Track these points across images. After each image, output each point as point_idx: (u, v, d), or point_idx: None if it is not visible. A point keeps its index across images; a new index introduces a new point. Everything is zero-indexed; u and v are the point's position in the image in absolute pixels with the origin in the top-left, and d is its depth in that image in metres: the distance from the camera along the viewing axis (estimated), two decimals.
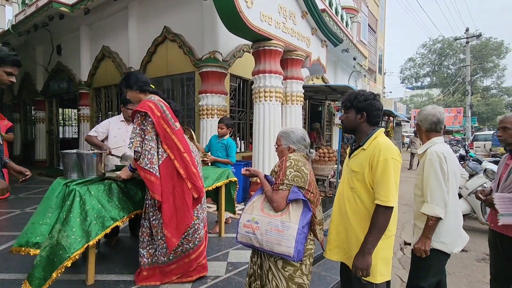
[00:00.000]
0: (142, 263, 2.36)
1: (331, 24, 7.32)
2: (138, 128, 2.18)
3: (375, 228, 1.42)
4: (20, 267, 2.63)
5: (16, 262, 2.72)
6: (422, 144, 1.89)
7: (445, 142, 1.86)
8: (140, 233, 2.40)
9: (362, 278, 1.46)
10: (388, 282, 1.53)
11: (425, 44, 33.23)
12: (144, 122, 2.18)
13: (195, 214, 2.41)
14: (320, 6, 6.47)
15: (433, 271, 1.75)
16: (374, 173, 1.43)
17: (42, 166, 8.98)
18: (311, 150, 1.79)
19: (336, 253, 1.63)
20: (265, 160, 4.47)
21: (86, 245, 2.07)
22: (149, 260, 2.38)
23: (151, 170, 2.15)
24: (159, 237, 2.32)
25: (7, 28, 8.90)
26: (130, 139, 2.17)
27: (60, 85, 8.42)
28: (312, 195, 1.56)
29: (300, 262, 1.51)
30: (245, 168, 1.79)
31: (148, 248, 2.38)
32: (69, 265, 2.00)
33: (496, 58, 28.97)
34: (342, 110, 1.67)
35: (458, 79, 26.59)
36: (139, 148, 2.16)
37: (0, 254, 2.90)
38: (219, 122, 3.74)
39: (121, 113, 3.26)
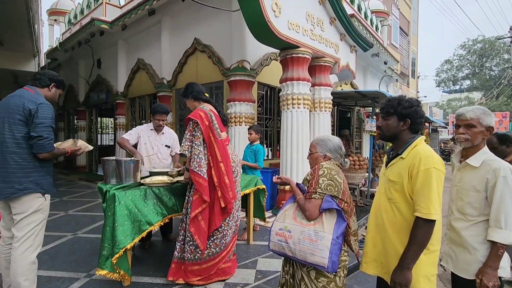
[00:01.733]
0: (186, 258, 2.49)
1: (360, 29, 7.17)
2: (189, 134, 2.45)
3: (414, 242, 1.33)
4: (65, 266, 2.83)
5: (61, 261, 2.93)
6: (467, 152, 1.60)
7: None
8: (182, 229, 2.56)
9: None
10: None
11: (464, 45, 31.28)
12: (195, 128, 2.44)
13: (226, 221, 2.52)
14: (349, 11, 6.38)
15: None
16: (414, 183, 1.35)
17: (82, 172, 9.65)
18: (346, 160, 1.75)
19: (373, 267, 1.55)
20: (292, 168, 4.43)
21: (124, 248, 2.19)
22: (179, 254, 2.53)
23: (199, 172, 2.37)
24: (191, 233, 2.46)
25: (55, 46, 9.81)
26: (181, 143, 2.46)
27: (99, 96, 9.06)
28: (346, 204, 1.52)
29: (334, 273, 1.47)
30: (276, 176, 1.79)
31: (181, 242, 2.54)
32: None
33: None
34: (373, 117, 1.60)
35: (503, 81, 24.58)
36: (187, 152, 2.43)
37: (47, 253, 3.14)
38: (248, 129, 3.93)
39: (151, 122, 3.42)
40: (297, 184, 1.69)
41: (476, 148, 1.57)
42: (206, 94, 2.70)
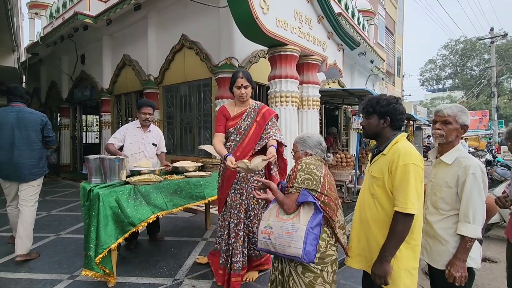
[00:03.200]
0: (237, 269, 2.32)
1: (347, 28, 7.25)
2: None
3: (393, 235, 1.38)
4: (47, 268, 2.74)
5: (43, 263, 2.84)
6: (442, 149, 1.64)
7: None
8: (235, 237, 2.37)
9: (382, 286, 1.42)
10: None
11: (446, 45, 32.15)
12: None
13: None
14: (336, 9, 6.43)
15: None
16: (393, 179, 1.40)
17: (66, 170, 9.37)
18: (328, 154, 1.79)
19: (358, 261, 1.59)
20: None
21: (108, 248, 2.15)
22: (245, 260, 2.42)
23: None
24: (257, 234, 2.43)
25: (36, 40, 9.45)
26: (282, 136, 2.52)
27: (83, 93, 8.80)
28: (327, 198, 1.52)
29: (320, 269, 1.49)
30: (255, 179, 1.85)
31: (245, 249, 2.43)
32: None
33: None
34: (361, 115, 1.63)
35: (483, 80, 25.47)
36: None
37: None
38: None
39: (137, 120, 3.30)
40: (280, 182, 1.76)
41: (451, 145, 1.61)
42: None
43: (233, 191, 2.48)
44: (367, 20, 10.57)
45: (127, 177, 2.65)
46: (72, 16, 7.00)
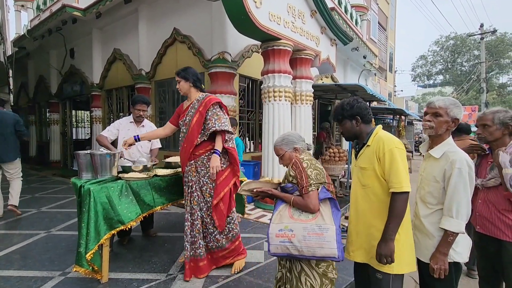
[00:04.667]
0: (201, 255, 2.47)
1: (340, 23, 7.24)
2: (223, 116, 2.52)
3: (393, 215, 1.44)
4: (37, 265, 2.70)
5: (33, 260, 2.80)
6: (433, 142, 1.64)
7: None
8: (189, 228, 2.48)
9: (378, 272, 1.49)
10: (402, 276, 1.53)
11: (437, 41, 32.46)
12: (223, 111, 2.55)
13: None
14: (329, 4, 6.41)
15: (453, 285, 1.59)
16: (383, 164, 1.48)
17: (56, 167, 9.21)
18: (310, 144, 1.89)
19: (360, 255, 1.61)
20: (274, 160, 4.46)
21: (98, 244, 2.13)
22: (203, 250, 2.51)
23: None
24: (212, 223, 2.50)
25: (23, 33, 9.18)
26: (224, 123, 2.46)
27: (73, 88, 8.62)
28: (332, 186, 1.65)
29: None
30: (255, 190, 1.76)
31: (203, 238, 2.52)
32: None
33: None
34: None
35: (473, 76, 25.88)
36: (232, 130, 2.53)
37: (17, 252, 2.99)
38: None
39: (131, 114, 3.31)
40: (280, 185, 1.74)
41: (440, 139, 1.59)
42: (203, 85, 2.72)
43: (185, 185, 2.56)
44: (360, 15, 10.59)
45: (118, 172, 2.62)
46: (60, 8, 6.82)
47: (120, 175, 2.55)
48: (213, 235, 2.52)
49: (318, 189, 1.58)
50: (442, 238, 1.51)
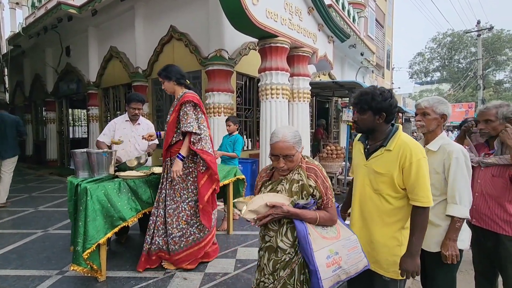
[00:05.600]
0: (155, 249, 2.51)
1: (337, 20, 7.23)
2: (194, 115, 2.42)
3: (418, 229, 1.38)
4: (35, 264, 2.69)
5: (30, 259, 2.79)
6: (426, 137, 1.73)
7: None
8: (152, 222, 2.52)
9: (384, 276, 1.47)
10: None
11: (434, 38, 32.51)
12: (197, 110, 2.45)
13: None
14: (327, 1, 6.39)
15: (455, 273, 1.68)
16: (408, 175, 1.38)
17: (53, 166, 9.17)
18: None
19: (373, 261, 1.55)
20: None
21: (97, 243, 2.13)
22: (164, 247, 2.52)
23: (212, 153, 2.45)
24: (174, 226, 2.47)
25: (18, 31, 9.09)
26: (190, 123, 2.37)
27: (69, 86, 8.56)
28: None
29: None
30: (267, 213, 1.33)
31: (163, 236, 2.52)
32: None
33: (509, 51, 28.14)
34: (351, 108, 1.65)
35: (469, 73, 25.98)
36: (199, 131, 2.40)
37: (14, 251, 2.98)
38: (226, 121, 3.89)
39: (126, 113, 3.28)
40: (296, 204, 1.35)
41: (434, 134, 1.70)
42: (187, 81, 2.65)
43: (161, 186, 2.56)
44: (357, 12, 10.57)
45: (115, 171, 2.61)
46: (55, 5, 6.75)
47: (116, 173, 2.54)
48: (171, 236, 2.48)
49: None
50: (450, 225, 1.59)
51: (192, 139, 2.39)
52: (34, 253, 2.93)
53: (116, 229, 2.25)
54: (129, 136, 3.20)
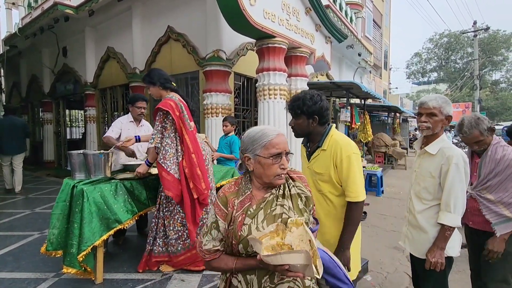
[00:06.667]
0: (156, 251, 2.50)
1: (335, 20, 7.24)
2: (160, 126, 2.34)
3: (350, 223, 1.45)
4: (31, 266, 2.67)
5: (26, 262, 2.77)
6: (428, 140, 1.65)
7: None
8: (154, 224, 2.53)
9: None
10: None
11: (431, 39, 32.67)
12: (165, 120, 2.34)
13: (205, 210, 2.55)
14: (324, 2, 6.40)
15: (446, 279, 1.63)
16: (341, 171, 1.44)
17: (50, 167, 9.11)
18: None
19: None
20: None
21: (92, 245, 2.11)
22: (163, 248, 2.52)
23: (163, 165, 2.31)
24: (170, 228, 2.46)
25: (14, 31, 9.03)
26: (152, 135, 2.33)
27: (66, 87, 8.51)
28: None
29: None
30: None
31: (163, 237, 2.51)
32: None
33: (505, 51, 28.34)
34: (347, 107, 1.64)
35: (466, 73, 26.11)
36: (159, 145, 2.32)
37: (10, 254, 2.95)
38: (223, 121, 3.88)
39: (129, 113, 3.27)
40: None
41: (435, 136, 1.61)
42: (173, 83, 2.58)
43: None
44: (355, 13, 10.60)
45: (118, 171, 2.61)
46: (52, 6, 6.71)
47: (114, 175, 2.53)
48: (169, 238, 2.49)
49: None
50: (439, 233, 1.53)
51: (156, 151, 2.36)
52: (31, 256, 2.90)
53: (111, 232, 2.23)
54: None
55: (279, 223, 0.99)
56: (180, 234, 2.49)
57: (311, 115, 1.47)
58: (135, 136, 2.64)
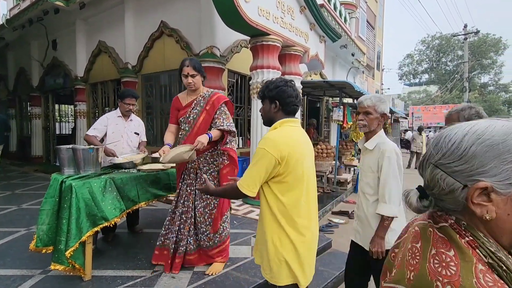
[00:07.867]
0: (188, 249, 2.48)
1: (329, 20, 7.27)
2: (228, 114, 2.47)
3: (221, 190, 1.58)
4: (17, 263, 2.61)
5: (12, 258, 2.71)
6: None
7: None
8: (181, 223, 2.46)
9: (268, 281, 1.45)
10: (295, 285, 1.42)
11: (424, 41, 33.19)
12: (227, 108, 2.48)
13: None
14: (319, 1, 6.42)
15: None
16: None
17: (38, 162, 8.92)
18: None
19: (257, 256, 1.57)
20: None
21: (79, 241, 2.08)
22: (194, 246, 2.50)
23: (234, 148, 2.48)
24: (207, 223, 2.46)
25: (1, 23, 8.78)
26: (231, 123, 2.42)
27: (56, 81, 8.33)
28: None
29: None
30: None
31: (194, 236, 2.49)
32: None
33: (494, 55, 29.00)
34: (340, 106, 1.65)
35: (456, 75, 26.62)
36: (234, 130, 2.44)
37: None
38: None
39: (118, 108, 3.23)
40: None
41: (373, 133, 1.74)
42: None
43: (183, 182, 2.49)
44: (349, 13, 10.66)
45: (106, 167, 2.57)
46: None
47: (103, 171, 2.49)
48: (205, 234, 2.49)
49: None
50: (379, 223, 1.63)
51: (228, 139, 2.40)
52: (17, 252, 2.84)
53: (97, 228, 2.20)
54: (121, 132, 3.16)
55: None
56: (215, 228, 2.50)
57: (272, 99, 1.45)
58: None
